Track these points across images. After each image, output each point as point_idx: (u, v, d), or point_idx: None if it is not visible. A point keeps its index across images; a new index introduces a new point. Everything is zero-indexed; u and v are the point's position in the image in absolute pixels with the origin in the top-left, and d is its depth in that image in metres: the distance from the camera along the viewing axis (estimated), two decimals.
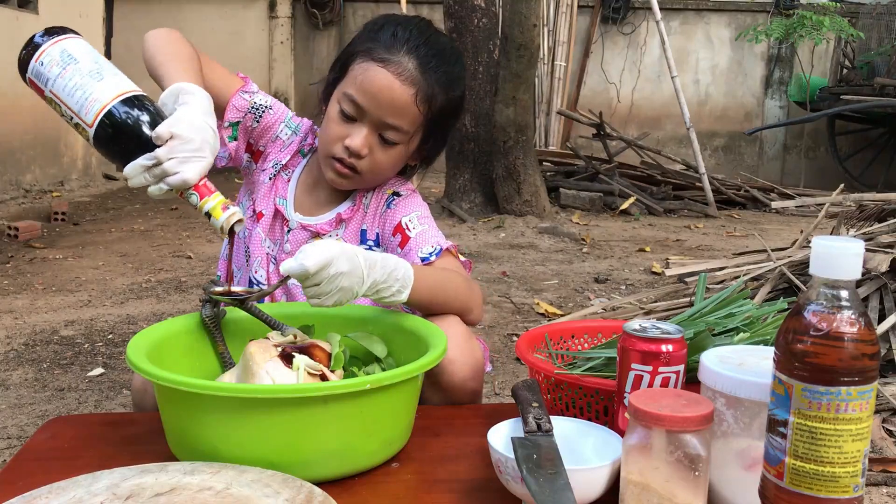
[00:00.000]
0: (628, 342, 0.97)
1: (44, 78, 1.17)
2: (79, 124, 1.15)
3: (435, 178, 7.26)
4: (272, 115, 1.48)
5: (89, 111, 1.14)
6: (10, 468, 1.04)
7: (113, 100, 1.13)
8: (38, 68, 1.17)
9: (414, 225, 1.44)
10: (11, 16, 5.79)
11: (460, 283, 1.36)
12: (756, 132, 8.78)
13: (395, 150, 1.40)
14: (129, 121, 1.13)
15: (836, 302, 0.77)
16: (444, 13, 5.55)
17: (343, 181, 1.42)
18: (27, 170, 6.20)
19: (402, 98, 1.35)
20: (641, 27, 8.99)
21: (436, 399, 1.29)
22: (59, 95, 1.16)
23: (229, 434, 0.96)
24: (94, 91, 1.14)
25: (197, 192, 1.13)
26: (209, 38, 8.98)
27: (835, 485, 0.78)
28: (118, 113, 1.13)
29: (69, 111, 1.16)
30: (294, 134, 1.51)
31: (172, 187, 1.12)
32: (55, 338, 2.74)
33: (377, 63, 1.35)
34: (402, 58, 1.35)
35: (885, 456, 1.75)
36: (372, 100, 1.35)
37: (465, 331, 1.31)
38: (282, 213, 1.47)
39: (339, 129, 1.38)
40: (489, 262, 4.17)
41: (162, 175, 1.11)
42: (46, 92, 1.18)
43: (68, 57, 1.16)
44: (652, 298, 3.16)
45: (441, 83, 1.38)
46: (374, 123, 1.37)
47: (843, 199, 3.26)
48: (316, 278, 1.09)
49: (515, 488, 0.91)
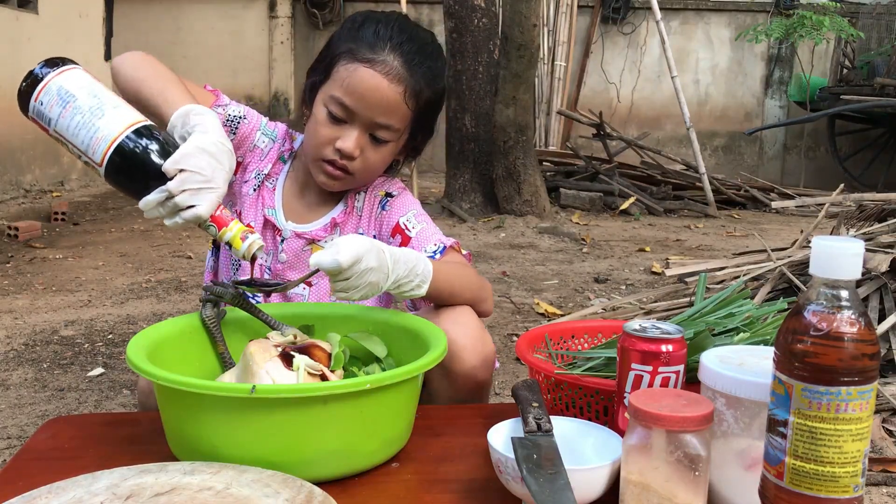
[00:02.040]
0: (628, 342, 0.97)
1: (45, 118, 1.15)
2: (88, 162, 1.14)
3: (435, 178, 7.26)
4: (247, 125, 1.47)
5: (96, 150, 1.12)
6: (10, 468, 1.04)
7: (119, 136, 1.11)
8: (38, 108, 1.15)
9: (413, 224, 1.44)
10: (11, 16, 5.79)
11: (472, 276, 1.39)
12: (756, 132, 8.78)
13: (386, 147, 1.41)
14: (137, 155, 1.11)
15: (836, 302, 0.77)
16: (444, 13, 5.55)
17: (335, 183, 1.42)
18: (27, 170, 6.20)
19: (391, 97, 1.35)
20: (641, 27, 8.98)
21: (444, 389, 1.29)
22: (64, 135, 1.14)
23: (229, 434, 0.96)
24: (99, 129, 1.12)
25: (214, 223, 1.13)
26: (209, 38, 8.99)
27: (835, 485, 0.78)
28: (126, 149, 1.11)
29: (76, 150, 1.14)
30: (272, 141, 1.50)
31: (187, 220, 1.11)
32: (55, 338, 2.74)
33: (363, 63, 1.34)
34: (387, 56, 1.35)
35: (885, 456, 1.75)
36: (361, 101, 1.34)
37: (477, 322, 1.33)
38: (272, 223, 1.46)
39: (328, 131, 1.37)
40: (489, 262, 4.17)
41: (175, 209, 1.10)
42: (51, 131, 1.16)
43: (66, 94, 1.13)
44: (652, 298, 3.16)
45: (426, 78, 1.38)
46: (365, 124, 1.36)
47: (843, 199, 3.26)
48: (347, 273, 1.11)
49: (515, 488, 0.91)
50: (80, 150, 1.13)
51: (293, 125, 1.55)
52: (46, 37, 6.15)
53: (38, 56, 1.22)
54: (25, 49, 5.86)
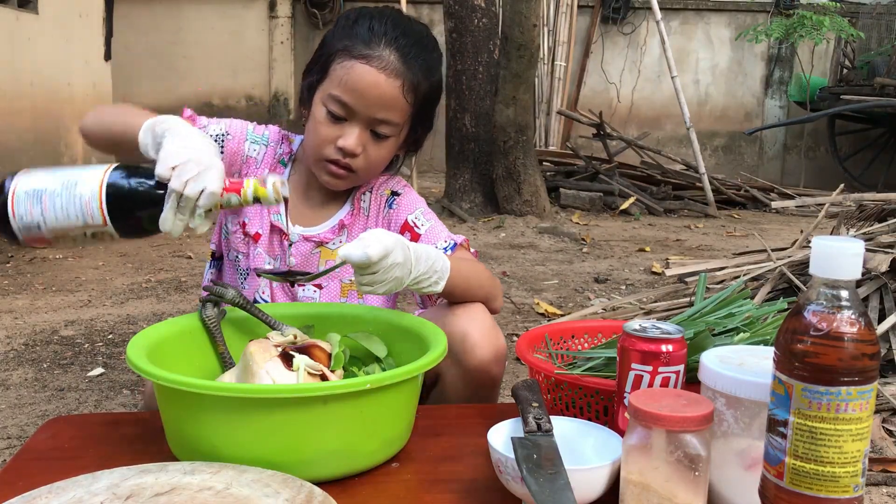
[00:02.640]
0: (628, 342, 0.97)
1: (34, 224, 1.11)
2: (96, 233, 1.12)
3: (435, 178, 7.26)
4: (233, 140, 1.45)
5: (93, 212, 1.10)
6: (10, 468, 1.04)
7: (102, 184, 1.09)
8: (21, 221, 1.11)
9: (421, 222, 1.45)
10: (11, 16, 5.79)
11: (484, 274, 1.39)
12: (756, 132, 8.78)
13: (388, 143, 1.40)
14: (129, 185, 1.10)
15: (836, 302, 0.77)
16: (444, 13, 5.56)
17: (339, 182, 1.42)
18: None
19: (390, 92, 1.35)
20: (641, 27, 8.98)
21: (458, 383, 1.30)
22: (59, 225, 1.11)
23: (229, 434, 0.96)
24: (82, 195, 1.09)
25: (230, 192, 1.12)
26: (209, 38, 8.99)
27: (835, 485, 0.78)
28: (116, 187, 1.10)
29: (77, 229, 1.11)
30: (264, 146, 1.48)
31: (207, 207, 1.09)
32: (55, 338, 2.74)
33: (359, 60, 1.34)
34: (383, 51, 1.34)
35: (885, 456, 1.75)
36: (360, 98, 1.34)
37: (490, 318, 1.34)
38: (279, 228, 1.45)
39: (328, 130, 1.37)
40: (489, 262, 4.17)
41: (190, 204, 1.09)
42: (47, 234, 1.12)
43: (34, 191, 1.10)
44: (652, 298, 3.16)
45: (423, 71, 1.38)
46: (365, 121, 1.36)
47: (843, 199, 3.26)
48: (375, 267, 1.11)
49: (515, 488, 0.91)
50: (81, 225, 1.11)
51: (292, 126, 1.54)
52: (46, 37, 6.15)
53: (39, 56, 1.21)
54: (25, 49, 5.86)
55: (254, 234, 1.46)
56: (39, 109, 6.11)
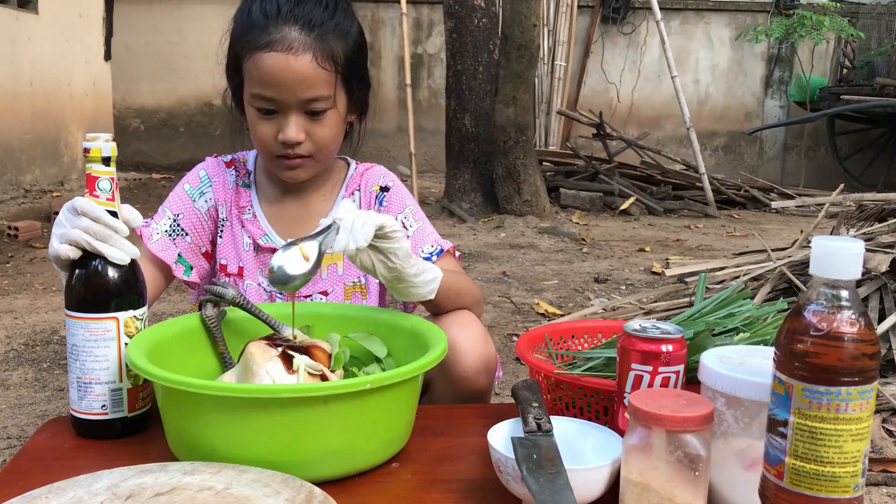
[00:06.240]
0: (628, 342, 0.97)
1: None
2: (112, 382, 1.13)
3: (435, 178, 7.26)
4: (185, 215, 1.43)
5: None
6: (10, 468, 1.04)
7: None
8: None
9: (410, 223, 1.45)
10: (11, 16, 5.79)
11: (469, 285, 1.39)
12: (756, 132, 8.78)
13: (329, 117, 1.35)
14: (86, 284, 1.18)
15: (836, 302, 0.77)
16: (444, 13, 5.56)
17: (299, 173, 1.39)
18: (27, 170, 6.19)
19: (304, 69, 1.29)
20: (641, 27, 8.98)
21: (446, 392, 1.29)
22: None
23: (229, 434, 0.96)
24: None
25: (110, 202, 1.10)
26: (209, 38, 8.97)
27: (835, 485, 0.78)
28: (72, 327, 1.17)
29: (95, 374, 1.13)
30: (209, 186, 1.45)
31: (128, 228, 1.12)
32: (55, 338, 2.74)
33: (263, 50, 1.29)
34: (283, 31, 1.29)
35: (885, 456, 1.75)
36: (279, 87, 1.29)
37: (480, 326, 1.33)
38: (271, 248, 1.42)
39: (266, 128, 1.33)
40: (489, 262, 4.17)
41: (103, 229, 1.09)
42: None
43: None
44: (652, 298, 3.16)
45: (335, 35, 1.32)
46: (296, 105, 1.31)
47: (843, 199, 3.26)
48: (390, 228, 1.13)
49: (515, 488, 0.91)
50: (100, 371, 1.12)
51: (239, 141, 1.50)
52: (46, 37, 6.15)
53: (39, 56, 1.21)
54: (25, 49, 5.86)
55: (239, 269, 1.44)
56: (39, 109, 6.11)
